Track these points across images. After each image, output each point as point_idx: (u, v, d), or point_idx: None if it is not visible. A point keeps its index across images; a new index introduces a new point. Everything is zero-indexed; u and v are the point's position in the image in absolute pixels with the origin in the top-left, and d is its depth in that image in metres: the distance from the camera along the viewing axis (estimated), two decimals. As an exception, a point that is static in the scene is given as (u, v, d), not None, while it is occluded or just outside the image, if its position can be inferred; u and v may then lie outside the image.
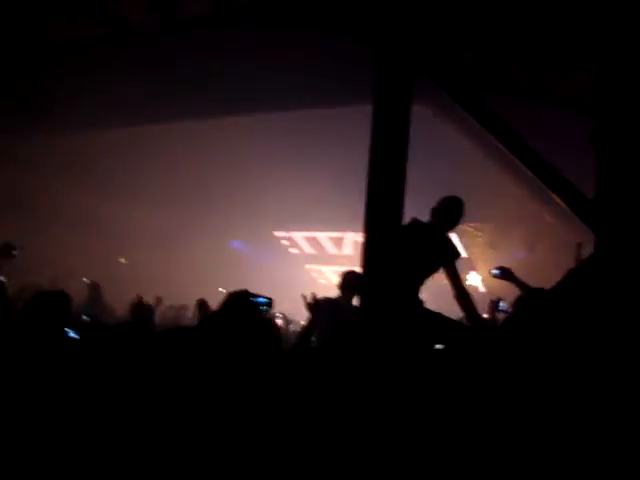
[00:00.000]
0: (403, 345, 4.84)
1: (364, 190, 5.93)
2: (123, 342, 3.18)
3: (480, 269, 15.23)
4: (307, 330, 5.03)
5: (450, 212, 5.54)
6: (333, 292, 7.21)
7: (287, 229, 19.24)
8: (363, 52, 5.77)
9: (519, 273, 5.90)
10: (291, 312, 9.62)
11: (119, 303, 10.42)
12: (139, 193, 15.28)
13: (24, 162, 13.54)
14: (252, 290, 3.80)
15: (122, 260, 18.83)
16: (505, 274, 6.03)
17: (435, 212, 5.54)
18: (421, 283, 5.49)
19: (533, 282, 5.37)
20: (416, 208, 5.77)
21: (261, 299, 3.82)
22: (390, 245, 5.46)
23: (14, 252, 6.60)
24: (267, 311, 4.00)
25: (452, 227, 5.58)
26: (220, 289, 10.05)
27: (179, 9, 9.14)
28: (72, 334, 3.76)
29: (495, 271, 6.15)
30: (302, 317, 9.83)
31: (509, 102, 6.52)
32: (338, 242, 19.21)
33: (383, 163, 5.74)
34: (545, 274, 5.10)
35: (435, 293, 6.14)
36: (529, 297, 4.32)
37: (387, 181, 5.72)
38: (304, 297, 5.30)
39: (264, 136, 11.86)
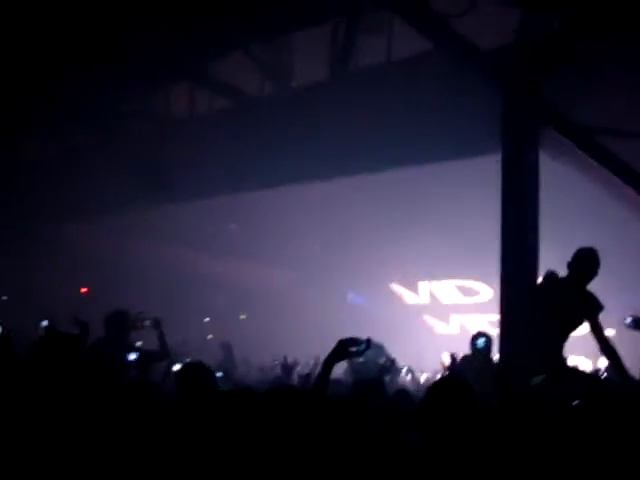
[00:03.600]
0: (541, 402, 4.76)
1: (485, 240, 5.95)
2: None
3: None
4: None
5: (586, 265, 5.41)
6: (451, 343, 7.19)
7: (405, 281, 19.31)
8: (489, 106, 5.87)
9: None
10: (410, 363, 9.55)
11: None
12: (260, 253, 15.74)
13: (151, 231, 14.21)
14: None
15: (242, 317, 19.22)
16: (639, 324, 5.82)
17: (571, 266, 5.43)
18: (564, 340, 5.38)
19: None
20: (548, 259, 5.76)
21: (362, 345, 3.74)
22: (528, 300, 5.45)
23: (146, 323, 6.99)
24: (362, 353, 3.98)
25: (590, 279, 5.44)
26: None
27: (294, 78, 9.52)
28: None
29: (628, 321, 5.93)
30: (422, 369, 9.80)
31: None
32: (454, 292, 19.09)
33: (516, 209, 5.81)
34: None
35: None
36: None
37: (521, 227, 5.77)
38: (443, 364, 5.29)
39: (383, 192, 12.02)
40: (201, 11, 7.86)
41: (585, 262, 5.41)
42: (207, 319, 16.15)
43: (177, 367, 5.94)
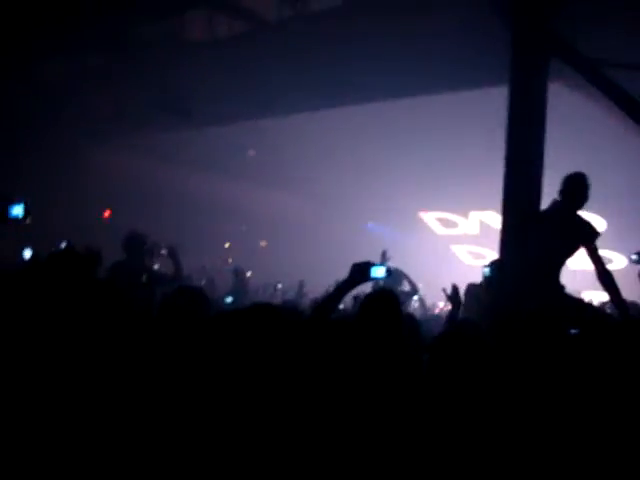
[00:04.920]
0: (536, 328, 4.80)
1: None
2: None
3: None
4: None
5: (575, 190, 5.36)
6: (475, 273, 7.17)
7: (432, 209, 19.34)
8: (497, 37, 5.79)
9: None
10: (429, 295, 9.68)
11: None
12: (280, 180, 15.82)
13: (167, 155, 14.31)
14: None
15: (262, 244, 19.40)
16: None
17: (562, 193, 5.39)
18: (561, 266, 5.38)
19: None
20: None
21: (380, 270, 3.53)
22: (529, 228, 5.44)
23: (163, 252, 7.00)
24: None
25: (582, 203, 5.39)
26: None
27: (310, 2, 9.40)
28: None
29: (635, 257, 5.86)
30: (439, 299, 9.87)
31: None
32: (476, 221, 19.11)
33: (522, 139, 5.72)
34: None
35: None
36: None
37: (526, 158, 5.71)
38: (444, 290, 5.29)
39: (410, 119, 11.94)
40: None
41: (574, 186, 5.36)
42: (228, 244, 16.37)
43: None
